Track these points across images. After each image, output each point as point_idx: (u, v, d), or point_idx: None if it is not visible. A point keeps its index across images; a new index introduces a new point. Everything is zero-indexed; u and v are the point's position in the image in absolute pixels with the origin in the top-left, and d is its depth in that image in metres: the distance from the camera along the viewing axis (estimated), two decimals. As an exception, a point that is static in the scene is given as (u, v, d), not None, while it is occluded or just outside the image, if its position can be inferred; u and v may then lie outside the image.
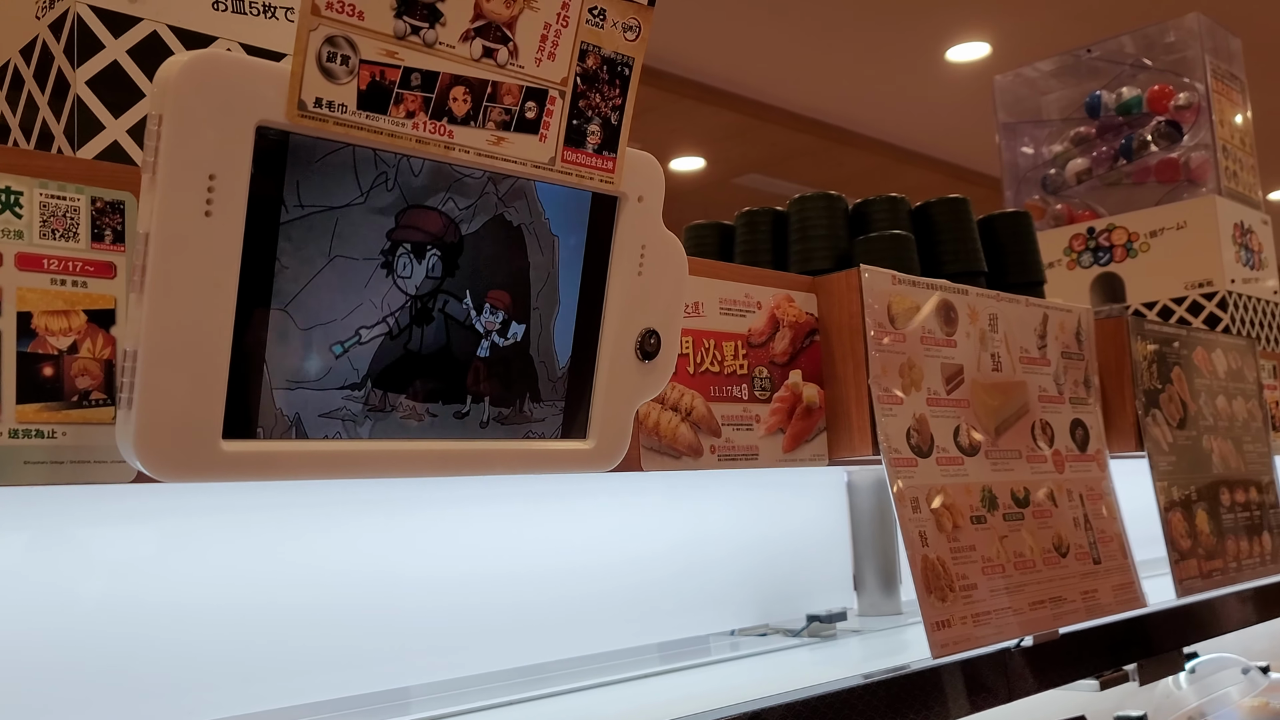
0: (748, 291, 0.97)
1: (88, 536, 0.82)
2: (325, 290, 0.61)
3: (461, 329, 0.67)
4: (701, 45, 4.93)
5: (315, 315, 0.60)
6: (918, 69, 5.35)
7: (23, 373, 0.56)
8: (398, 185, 0.63)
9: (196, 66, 0.54)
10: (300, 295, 0.60)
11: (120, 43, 0.70)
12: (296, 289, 0.59)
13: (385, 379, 0.64)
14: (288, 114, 0.57)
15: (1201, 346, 1.52)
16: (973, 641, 0.99)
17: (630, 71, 0.70)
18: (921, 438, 1.01)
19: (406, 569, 1.01)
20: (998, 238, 1.41)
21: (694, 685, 1.06)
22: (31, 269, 0.57)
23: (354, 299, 0.62)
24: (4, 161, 0.57)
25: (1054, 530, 1.14)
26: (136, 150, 0.70)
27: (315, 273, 0.60)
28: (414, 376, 0.65)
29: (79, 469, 0.58)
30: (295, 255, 0.59)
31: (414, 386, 0.65)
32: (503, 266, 0.68)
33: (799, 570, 1.40)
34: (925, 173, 6.47)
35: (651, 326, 0.76)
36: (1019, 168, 2.26)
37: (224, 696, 0.87)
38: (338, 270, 0.61)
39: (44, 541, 0.80)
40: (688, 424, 0.89)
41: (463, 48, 0.62)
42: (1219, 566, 1.39)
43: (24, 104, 0.75)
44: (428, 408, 0.66)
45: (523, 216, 0.69)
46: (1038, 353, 1.20)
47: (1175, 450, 1.39)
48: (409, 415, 0.65)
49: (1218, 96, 2.03)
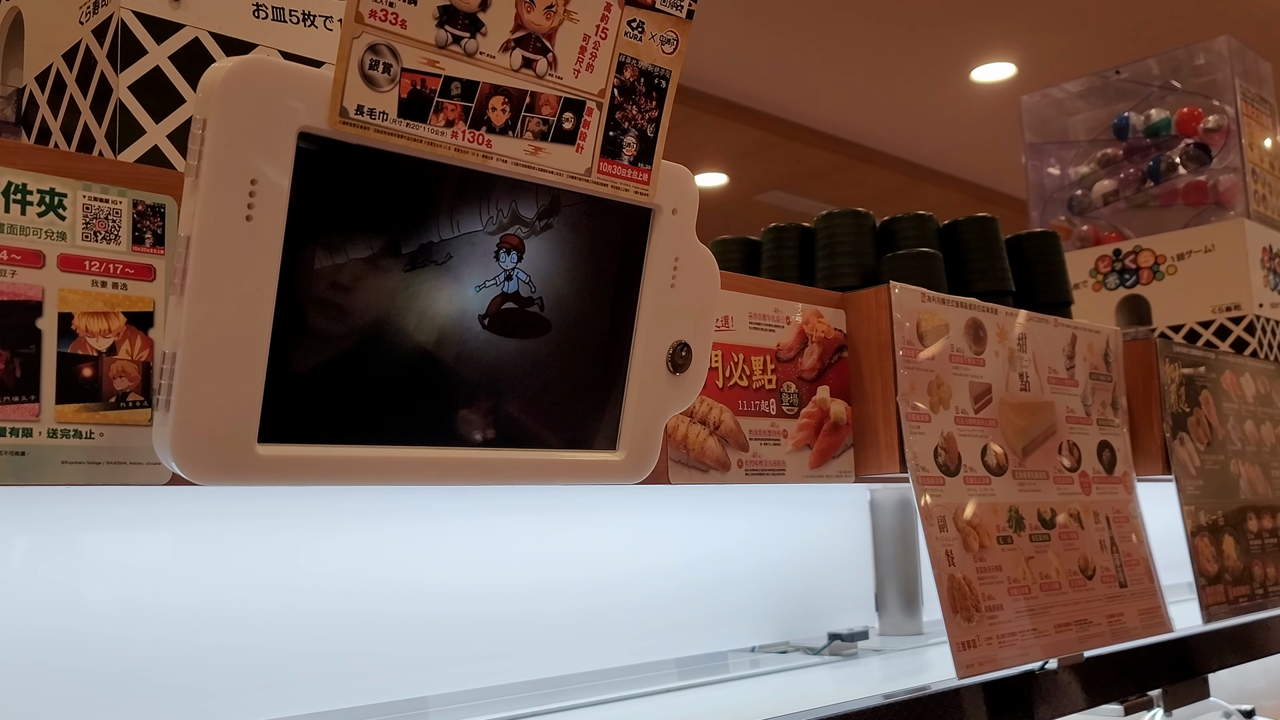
0: (777, 306, 0.97)
1: (105, 540, 0.83)
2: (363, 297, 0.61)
3: (496, 338, 0.67)
4: (726, 62, 4.94)
5: (352, 321, 0.61)
6: (942, 88, 5.35)
7: (63, 373, 0.57)
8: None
9: (241, 72, 0.54)
10: (338, 301, 0.60)
11: (162, 48, 0.71)
12: (335, 295, 0.60)
13: (420, 386, 0.64)
14: (330, 121, 0.57)
15: (1230, 370, 1.51)
16: (998, 663, 0.98)
17: (667, 84, 0.70)
18: (949, 456, 1.01)
19: (426, 578, 1.01)
20: (1026, 257, 1.41)
21: (713, 702, 1.05)
22: (74, 270, 0.57)
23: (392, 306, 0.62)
24: (48, 163, 0.57)
25: (1080, 552, 1.13)
26: (177, 155, 0.71)
27: (354, 279, 0.60)
28: (448, 385, 0.65)
29: (115, 470, 0.58)
30: (334, 261, 0.59)
31: (448, 395, 0.65)
32: (540, 277, 0.68)
33: (821, 588, 1.39)
34: (948, 192, 6.45)
35: (683, 339, 0.76)
36: (1045, 188, 2.25)
37: (242, 702, 0.87)
38: (377, 276, 0.61)
39: (64, 544, 0.81)
40: (716, 438, 0.89)
41: (503, 58, 0.62)
42: (1245, 593, 1.38)
43: (65, 108, 0.76)
44: (461, 416, 0.66)
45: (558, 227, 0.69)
46: (1066, 373, 1.19)
47: (1203, 474, 1.38)
48: (442, 423, 0.66)
49: (1247, 120, 2.02)
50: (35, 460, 0.56)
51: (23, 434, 0.55)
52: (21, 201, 0.56)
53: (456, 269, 0.64)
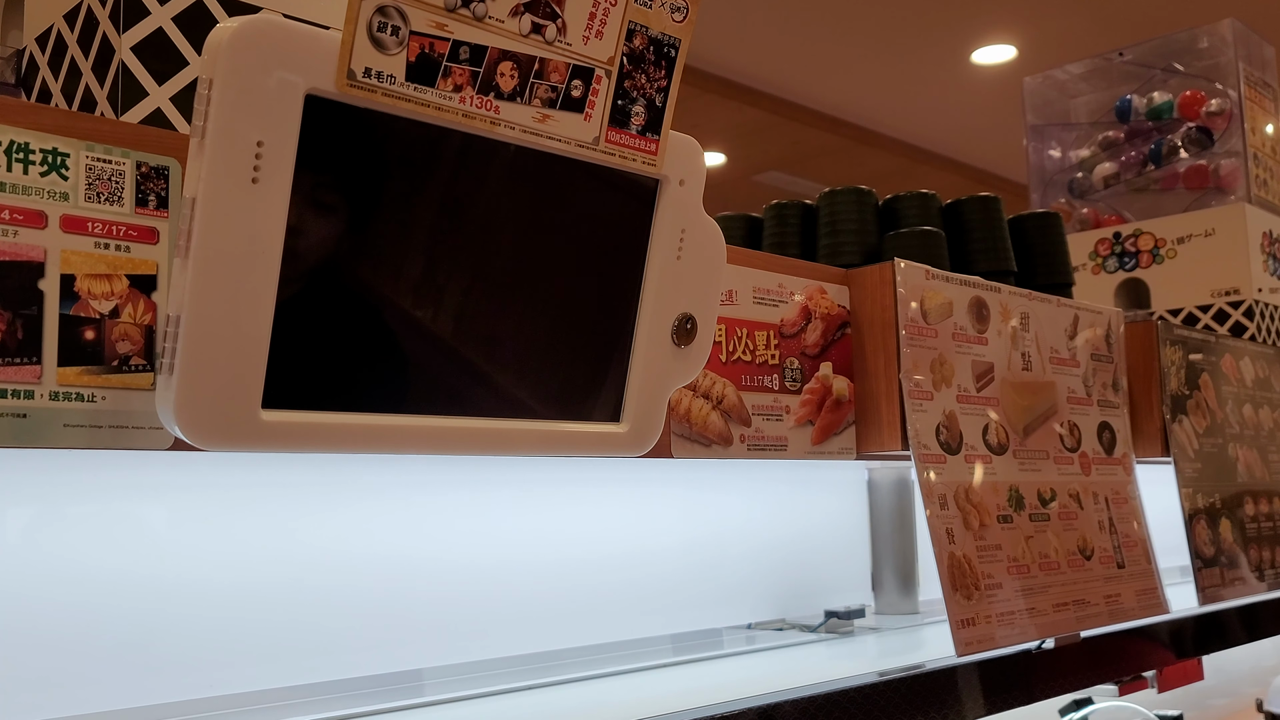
0: (781, 281, 0.96)
1: (101, 510, 0.82)
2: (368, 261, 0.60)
3: (501, 307, 0.67)
4: (726, 41, 4.92)
5: (358, 286, 0.60)
6: (943, 70, 5.33)
7: (65, 335, 0.56)
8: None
9: (249, 31, 0.53)
10: (344, 264, 0.59)
11: (166, 9, 0.70)
12: (340, 258, 0.59)
13: (425, 354, 0.63)
14: (337, 83, 0.56)
15: (1230, 354, 1.51)
16: (996, 641, 0.98)
17: (676, 53, 0.70)
18: (951, 434, 1.01)
19: (421, 552, 1.00)
20: (1027, 238, 1.40)
21: (709, 678, 1.05)
22: (76, 231, 0.57)
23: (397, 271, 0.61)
24: (51, 123, 0.57)
25: (1079, 533, 1.13)
26: (179, 117, 0.70)
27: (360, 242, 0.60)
28: (453, 353, 0.65)
29: (117, 434, 0.58)
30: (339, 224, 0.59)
31: (452, 363, 0.65)
32: (547, 245, 0.68)
33: (817, 567, 1.39)
34: (947, 175, 6.44)
35: (688, 311, 0.75)
36: (1046, 171, 2.25)
37: (238, 674, 0.87)
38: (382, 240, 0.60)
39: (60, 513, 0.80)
40: (718, 412, 0.89)
41: (512, 22, 0.62)
42: (1241, 575, 1.38)
43: (66, 69, 0.75)
44: (465, 385, 0.66)
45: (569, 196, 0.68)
46: (1067, 354, 1.19)
47: (1201, 457, 1.38)
48: (445, 392, 0.65)
49: (1250, 104, 2.01)
50: (37, 423, 0.55)
51: (24, 396, 0.55)
52: (24, 161, 0.55)
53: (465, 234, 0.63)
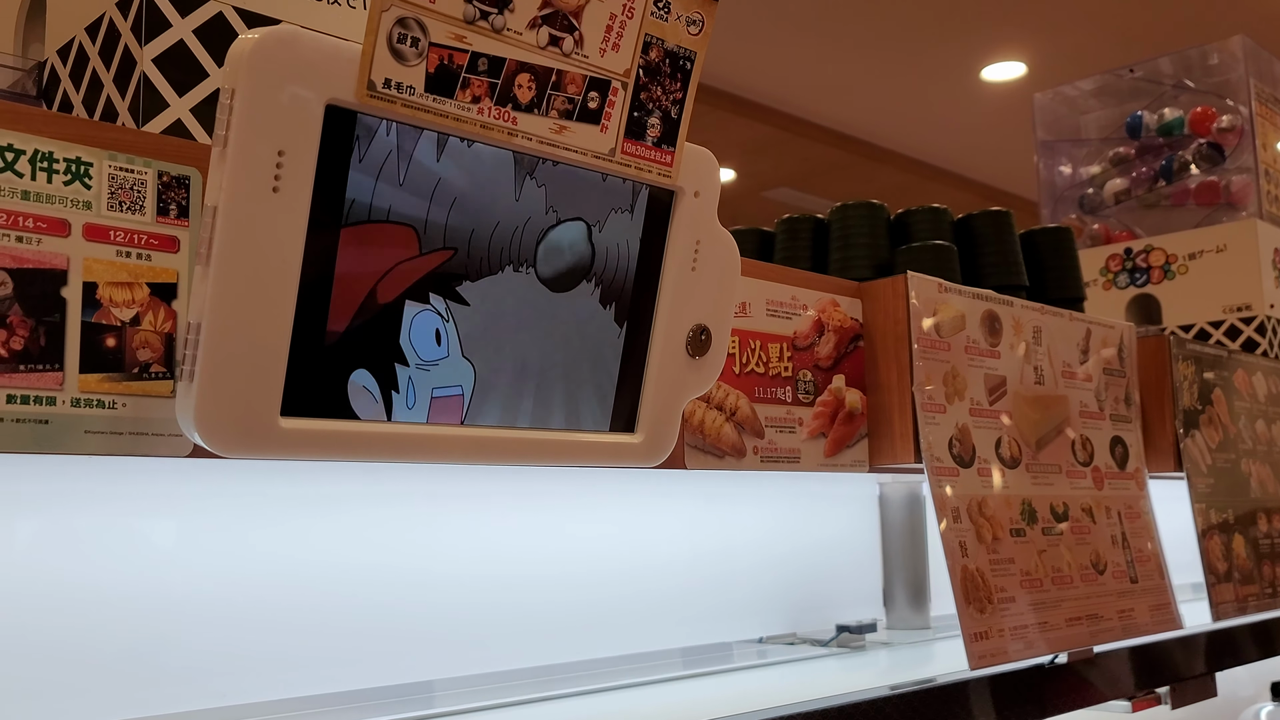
0: (794, 294, 0.97)
1: (110, 520, 0.82)
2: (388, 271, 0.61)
3: (517, 315, 0.67)
4: (736, 58, 4.94)
5: (376, 296, 0.60)
6: (952, 87, 5.34)
7: (86, 342, 0.56)
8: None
9: (271, 42, 0.54)
10: (363, 276, 0.60)
11: (187, 22, 0.71)
12: (359, 269, 0.59)
13: (442, 364, 0.64)
14: (357, 94, 0.57)
15: (1242, 369, 1.50)
16: (1009, 655, 0.98)
17: (692, 66, 0.70)
18: (964, 447, 1.01)
19: (433, 563, 1.01)
20: (1039, 253, 1.40)
21: (718, 691, 1.05)
22: (98, 240, 0.57)
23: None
24: (76, 132, 0.57)
25: (1092, 547, 1.13)
26: (200, 129, 0.71)
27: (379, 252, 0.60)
28: (469, 363, 0.65)
29: (137, 440, 0.58)
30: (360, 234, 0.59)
31: (469, 373, 0.65)
32: (561, 257, 0.68)
33: (829, 581, 1.39)
34: (956, 191, 6.44)
35: (703, 322, 0.75)
36: (1056, 186, 2.25)
37: (250, 683, 0.87)
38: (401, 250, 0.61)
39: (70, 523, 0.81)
40: (732, 424, 0.89)
41: (529, 35, 0.62)
42: (1254, 592, 1.37)
43: (88, 81, 0.76)
44: (482, 395, 0.66)
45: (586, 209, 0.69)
46: (1080, 368, 1.19)
47: (1214, 473, 1.38)
48: (461, 401, 0.65)
49: (1261, 120, 2.01)
50: (58, 429, 0.56)
51: (46, 403, 0.55)
52: (48, 170, 0.56)
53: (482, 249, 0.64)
